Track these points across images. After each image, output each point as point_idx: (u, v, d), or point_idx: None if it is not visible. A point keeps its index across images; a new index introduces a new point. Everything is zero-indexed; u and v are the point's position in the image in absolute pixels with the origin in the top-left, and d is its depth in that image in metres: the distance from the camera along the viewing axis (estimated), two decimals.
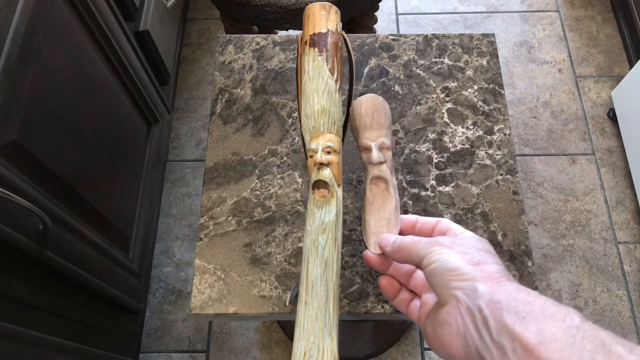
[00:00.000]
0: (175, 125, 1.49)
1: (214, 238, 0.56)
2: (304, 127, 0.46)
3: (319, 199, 0.43)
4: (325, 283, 0.41)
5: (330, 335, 0.39)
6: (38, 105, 0.74)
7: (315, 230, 0.43)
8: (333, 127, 0.45)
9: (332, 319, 0.40)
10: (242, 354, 1.21)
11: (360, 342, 1.16)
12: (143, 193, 1.21)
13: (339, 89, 0.47)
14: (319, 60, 0.46)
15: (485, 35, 0.67)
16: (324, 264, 0.41)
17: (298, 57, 0.50)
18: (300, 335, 0.38)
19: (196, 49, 1.61)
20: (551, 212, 1.36)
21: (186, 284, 1.29)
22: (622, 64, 1.55)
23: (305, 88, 0.47)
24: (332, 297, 0.40)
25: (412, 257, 0.38)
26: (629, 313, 1.24)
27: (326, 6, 0.49)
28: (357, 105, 0.47)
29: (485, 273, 0.33)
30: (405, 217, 0.45)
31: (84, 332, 0.92)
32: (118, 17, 1.04)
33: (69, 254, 0.82)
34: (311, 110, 0.46)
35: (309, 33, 0.48)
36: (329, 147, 0.44)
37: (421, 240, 0.38)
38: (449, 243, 0.36)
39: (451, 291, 0.34)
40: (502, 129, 0.61)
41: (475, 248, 0.36)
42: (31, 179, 0.73)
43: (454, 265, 0.34)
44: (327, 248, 0.42)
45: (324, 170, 0.43)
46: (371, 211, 0.46)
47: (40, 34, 0.75)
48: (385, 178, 0.46)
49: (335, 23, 0.49)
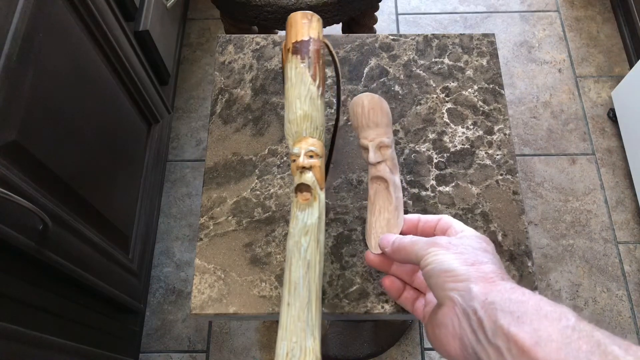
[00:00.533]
0: (175, 125, 1.49)
1: (214, 238, 0.56)
2: (287, 132, 0.48)
3: (301, 202, 0.45)
4: (307, 284, 0.42)
5: (313, 335, 0.40)
6: (38, 105, 0.74)
7: (297, 233, 0.44)
8: (315, 132, 0.47)
9: (315, 319, 0.41)
10: (242, 354, 1.21)
11: (360, 342, 1.16)
12: (143, 193, 1.21)
13: (321, 95, 0.49)
14: (301, 67, 0.48)
15: (485, 35, 0.67)
16: (307, 266, 0.42)
17: (283, 64, 0.51)
18: (283, 336, 0.39)
19: (196, 49, 1.61)
20: (551, 212, 1.36)
21: (186, 284, 1.29)
22: (622, 64, 1.55)
23: (288, 94, 0.49)
24: (314, 298, 0.41)
25: (411, 258, 0.38)
26: (629, 313, 1.24)
27: (308, 15, 0.51)
28: (353, 105, 0.47)
29: (480, 273, 0.33)
30: (408, 216, 0.44)
31: (84, 332, 0.92)
32: (118, 17, 1.04)
33: (69, 254, 0.82)
34: (294, 115, 0.47)
35: (291, 41, 0.50)
36: (312, 151, 0.46)
37: (419, 240, 0.38)
38: (445, 243, 0.36)
39: (447, 292, 0.34)
40: (502, 129, 0.61)
41: (472, 248, 0.36)
42: (31, 179, 0.73)
43: (449, 267, 0.34)
44: (310, 250, 0.43)
45: (306, 174, 0.45)
46: (372, 211, 0.46)
47: (40, 34, 0.75)
48: (384, 177, 0.46)
49: (317, 31, 0.51)
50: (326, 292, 0.52)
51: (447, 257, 0.35)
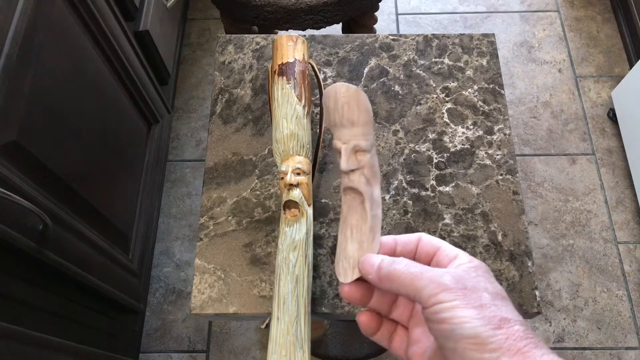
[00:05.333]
0: (175, 125, 1.49)
1: (214, 238, 0.56)
2: (275, 150, 0.49)
3: (290, 218, 0.46)
4: (296, 299, 0.42)
5: (302, 348, 0.41)
6: (38, 105, 0.74)
7: (286, 248, 0.45)
8: (302, 150, 0.48)
9: (304, 332, 0.42)
10: (242, 354, 1.21)
11: (360, 342, 1.16)
12: (143, 193, 1.21)
13: (307, 114, 0.50)
14: (287, 88, 0.50)
15: (485, 35, 0.67)
16: (295, 281, 0.43)
17: (269, 85, 0.53)
18: (273, 349, 0.41)
19: (196, 49, 1.61)
20: (551, 212, 1.36)
21: (186, 284, 1.29)
22: (622, 64, 1.55)
23: (275, 114, 0.50)
24: (302, 312, 0.42)
25: (407, 292, 0.31)
26: (629, 313, 1.24)
27: (293, 37, 0.53)
28: (325, 96, 0.37)
29: (511, 341, 0.27)
30: (384, 239, 0.36)
31: (84, 332, 0.92)
32: (118, 17, 1.04)
33: (69, 254, 0.82)
34: (281, 134, 0.49)
35: (277, 63, 0.52)
36: (299, 169, 0.47)
37: (421, 275, 0.30)
38: (456, 288, 0.29)
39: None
40: (502, 129, 0.61)
41: (484, 289, 0.30)
42: (31, 179, 0.73)
43: (474, 332, 0.27)
44: (298, 265, 0.44)
45: (294, 191, 0.46)
46: (343, 230, 0.37)
47: (40, 34, 0.75)
48: (358, 190, 0.36)
49: (303, 53, 0.54)
50: (326, 292, 0.52)
51: (467, 314, 0.28)
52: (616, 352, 1.20)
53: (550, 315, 1.24)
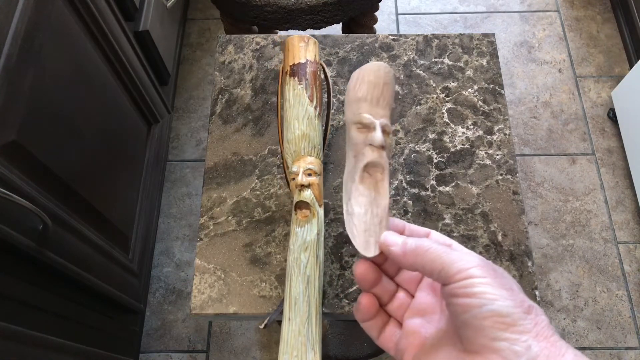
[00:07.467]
0: (175, 125, 1.49)
1: (214, 238, 0.56)
2: (286, 151, 0.49)
3: (301, 219, 0.46)
4: (307, 299, 0.42)
5: (313, 349, 0.41)
6: (38, 105, 0.74)
7: (297, 249, 0.45)
8: (313, 151, 0.48)
9: (315, 333, 0.41)
10: (242, 354, 1.21)
11: (360, 342, 1.16)
12: (143, 193, 1.21)
13: (318, 115, 0.50)
14: (299, 89, 0.50)
15: (485, 35, 0.67)
16: (306, 281, 0.43)
17: (279, 86, 0.53)
18: (284, 350, 0.41)
19: (196, 49, 1.61)
20: (551, 212, 1.36)
21: (186, 284, 1.29)
22: (622, 64, 1.55)
23: (287, 115, 0.50)
24: (314, 313, 0.42)
25: (434, 267, 0.29)
26: (629, 313, 1.24)
27: (305, 38, 0.53)
28: (367, 70, 0.37)
29: (539, 328, 0.26)
30: (393, 221, 0.36)
31: (84, 332, 0.92)
32: (118, 17, 1.04)
33: (69, 254, 0.82)
34: (292, 135, 0.49)
35: (289, 64, 0.52)
36: (310, 170, 0.47)
37: (451, 252, 0.29)
38: (486, 267, 0.28)
39: (494, 343, 0.26)
40: (502, 129, 0.61)
41: (513, 281, 0.29)
42: (31, 179, 0.73)
43: (505, 310, 0.26)
44: (309, 265, 0.44)
45: (305, 192, 0.46)
46: (363, 203, 0.37)
47: (40, 34, 0.75)
48: (383, 167, 0.37)
49: (314, 53, 0.53)
50: (326, 292, 0.52)
51: (499, 292, 0.27)
52: (616, 352, 1.20)
53: (550, 315, 1.24)
